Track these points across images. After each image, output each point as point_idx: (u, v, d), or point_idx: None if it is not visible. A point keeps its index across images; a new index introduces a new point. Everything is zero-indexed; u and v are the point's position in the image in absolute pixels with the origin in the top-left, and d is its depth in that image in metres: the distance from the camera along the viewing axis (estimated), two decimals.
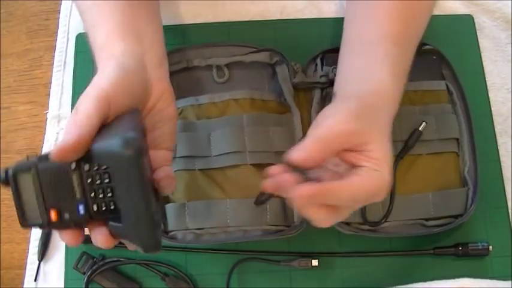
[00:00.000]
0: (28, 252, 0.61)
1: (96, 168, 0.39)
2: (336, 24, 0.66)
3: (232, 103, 0.60)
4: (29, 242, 0.61)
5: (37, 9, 0.72)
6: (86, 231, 0.42)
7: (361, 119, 0.44)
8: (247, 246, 0.59)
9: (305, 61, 0.63)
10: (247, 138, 0.57)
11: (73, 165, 0.39)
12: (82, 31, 0.68)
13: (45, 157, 0.39)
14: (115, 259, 0.58)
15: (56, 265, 0.60)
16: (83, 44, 0.67)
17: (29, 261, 0.61)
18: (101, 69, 0.44)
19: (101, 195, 0.39)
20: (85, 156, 0.38)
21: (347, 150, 0.44)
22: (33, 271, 0.60)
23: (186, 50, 0.63)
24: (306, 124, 0.60)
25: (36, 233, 0.61)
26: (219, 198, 0.57)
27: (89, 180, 0.39)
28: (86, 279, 0.57)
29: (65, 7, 0.71)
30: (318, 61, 0.62)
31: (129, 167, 0.37)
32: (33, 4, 0.73)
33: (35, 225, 0.40)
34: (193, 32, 0.67)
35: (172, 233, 0.56)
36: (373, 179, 0.43)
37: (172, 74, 0.62)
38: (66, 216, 0.39)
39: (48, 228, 0.44)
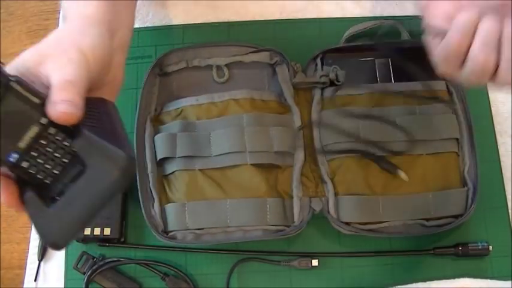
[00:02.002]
0: (28, 252, 0.61)
1: (61, 139, 0.37)
2: (336, 24, 0.66)
3: (232, 103, 0.60)
4: (29, 242, 0.61)
5: (37, 9, 0.72)
6: (87, 231, 0.41)
7: None
8: (247, 246, 0.59)
9: (305, 61, 0.63)
10: (247, 138, 0.57)
11: (45, 120, 0.36)
12: None
13: (22, 84, 0.36)
14: (115, 259, 0.58)
15: (56, 265, 0.60)
16: None
17: (29, 261, 0.61)
18: (81, 30, 0.43)
19: (41, 161, 0.37)
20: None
21: None
22: (33, 271, 0.60)
23: (186, 50, 0.63)
24: (306, 124, 0.60)
25: (36, 233, 0.61)
26: (219, 198, 0.57)
27: (43, 142, 0.37)
28: (86, 279, 0.57)
29: None
30: (318, 61, 0.62)
31: (108, 184, 0.36)
32: (33, 4, 0.73)
33: None
34: (193, 32, 0.67)
35: (172, 233, 0.56)
36: None
37: (172, 74, 0.63)
38: None
39: None
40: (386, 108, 0.60)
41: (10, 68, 0.38)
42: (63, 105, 0.36)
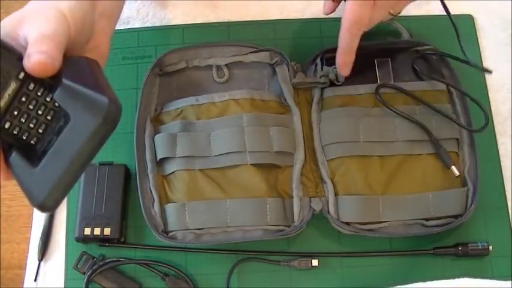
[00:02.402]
0: (28, 252, 0.61)
1: (41, 94, 0.36)
2: (336, 24, 0.66)
3: (232, 103, 0.60)
4: (29, 242, 0.61)
5: None
6: (87, 231, 0.41)
7: None
8: (247, 246, 0.59)
9: (305, 61, 0.63)
10: (247, 138, 0.57)
11: (21, 75, 0.35)
12: None
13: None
14: (115, 259, 0.58)
15: (56, 265, 0.60)
16: None
17: (29, 261, 0.61)
18: None
19: (24, 120, 0.36)
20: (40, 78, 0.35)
21: None
22: (33, 271, 0.60)
23: (186, 50, 0.63)
24: (306, 124, 0.60)
25: (36, 233, 0.61)
26: (219, 198, 0.57)
27: (23, 99, 0.36)
28: (86, 279, 0.57)
29: None
30: (318, 61, 0.62)
31: (94, 130, 0.34)
32: None
33: None
34: (193, 32, 0.67)
35: (172, 233, 0.56)
36: None
37: (172, 74, 0.62)
38: None
39: None
40: (386, 108, 0.60)
41: None
42: (38, 55, 0.35)
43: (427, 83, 0.62)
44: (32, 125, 0.36)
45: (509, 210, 0.61)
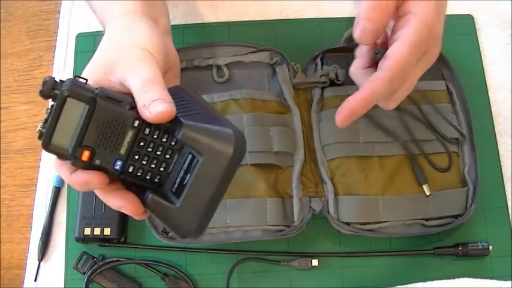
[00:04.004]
0: (28, 252, 0.61)
1: (157, 137, 0.38)
2: (336, 24, 0.66)
3: (232, 103, 0.60)
4: (29, 242, 0.61)
5: (37, 9, 0.72)
6: (87, 231, 0.41)
7: None
8: (247, 246, 0.59)
9: (305, 61, 0.63)
10: (247, 138, 0.57)
11: (136, 123, 0.38)
12: (82, 31, 0.68)
13: (107, 95, 0.37)
14: (115, 259, 0.58)
15: (56, 265, 0.60)
16: (83, 44, 0.67)
17: (29, 261, 0.61)
18: (130, 27, 0.43)
19: (144, 162, 0.39)
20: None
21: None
22: (33, 271, 0.60)
23: (186, 50, 0.63)
24: (306, 124, 0.60)
25: (36, 233, 0.61)
26: None
27: (141, 144, 0.38)
28: (86, 279, 0.57)
29: (65, 7, 0.71)
30: (318, 61, 0.62)
31: (230, 163, 0.37)
32: (33, 4, 0.73)
33: (57, 151, 0.38)
34: (193, 32, 0.67)
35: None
36: (411, 30, 0.43)
37: None
38: (97, 162, 0.38)
39: (68, 160, 0.39)
40: None
41: None
42: (156, 105, 0.37)
43: (427, 83, 0.61)
44: (153, 165, 0.39)
45: (509, 210, 0.61)
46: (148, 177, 0.39)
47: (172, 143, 0.39)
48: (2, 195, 0.64)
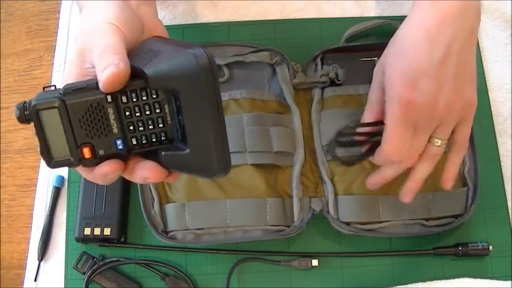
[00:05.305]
0: (28, 252, 0.61)
1: (136, 99, 0.37)
2: (336, 24, 0.66)
3: (232, 103, 0.59)
4: (29, 242, 0.61)
5: (37, 9, 0.72)
6: (87, 231, 0.41)
7: None
8: (247, 246, 0.59)
9: (305, 61, 0.63)
10: (247, 138, 0.57)
11: (109, 97, 0.37)
12: None
13: (71, 89, 0.37)
14: (115, 259, 0.58)
15: (56, 265, 0.60)
16: None
17: (29, 261, 0.61)
18: (97, 9, 0.43)
19: (141, 128, 0.38)
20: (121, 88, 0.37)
21: None
22: (33, 271, 0.60)
23: None
24: (306, 124, 0.60)
25: (36, 233, 0.61)
26: (219, 198, 0.57)
27: (127, 113, 0.38)
28: (86, 279, 0.57)
29: (65, 7, 0.71)
30: (318, 61, 0.62)
31: (205, 83, 0.35)
32: (33, 4, 0.73)
33: (63, 162, 0.38)
34: (193, 32, 0.67)
35: (172, 233, 0.56)
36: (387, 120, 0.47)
37: None
38: (101, 152, 0.38)
39: (78, 166, 0.39)
40: None
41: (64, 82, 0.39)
42: (104, 72, 0.36)
43: None
44: (151, 127, 0.38)
45: (509, 210, 0.61)
46: (155, 140, 0.38)
47: (154, 96, 0.38)
48: (2, 195, 0.64)
